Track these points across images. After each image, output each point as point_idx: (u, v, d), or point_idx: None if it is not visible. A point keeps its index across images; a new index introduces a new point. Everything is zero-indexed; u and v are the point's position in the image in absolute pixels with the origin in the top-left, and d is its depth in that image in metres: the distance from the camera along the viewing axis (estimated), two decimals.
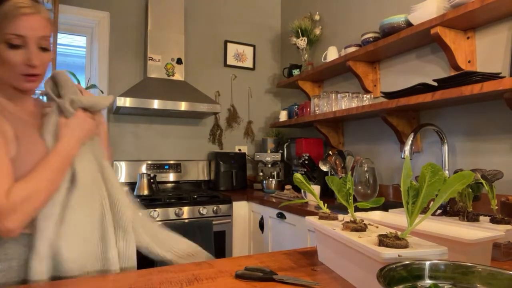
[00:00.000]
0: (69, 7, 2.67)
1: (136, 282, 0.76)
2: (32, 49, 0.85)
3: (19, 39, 0.83)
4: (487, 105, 1.62)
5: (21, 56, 0.84)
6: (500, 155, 1.58)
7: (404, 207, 0.68)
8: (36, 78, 0.88)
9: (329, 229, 0.81)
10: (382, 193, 2.11)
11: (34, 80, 0.88)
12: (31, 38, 0.84)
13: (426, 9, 1.69)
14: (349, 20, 2.54)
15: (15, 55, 0.84)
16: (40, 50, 0.87)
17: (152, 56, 2.71)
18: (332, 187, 0.88)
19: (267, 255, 0.98)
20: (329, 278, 0.78)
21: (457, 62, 1.67)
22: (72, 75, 2.52)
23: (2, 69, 0.86)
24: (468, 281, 0.58)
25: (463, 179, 0.62)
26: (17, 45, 0.84)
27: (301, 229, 1.93)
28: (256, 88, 3.38)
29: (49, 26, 0.89)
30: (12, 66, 0.85)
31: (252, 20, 3.41)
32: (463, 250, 0.73)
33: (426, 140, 1.92)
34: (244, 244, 2.56)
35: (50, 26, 0.90)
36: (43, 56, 0.88)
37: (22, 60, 0.85)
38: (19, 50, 0.84)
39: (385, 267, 0.56)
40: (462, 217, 1.04)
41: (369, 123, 2.32)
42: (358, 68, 2.23)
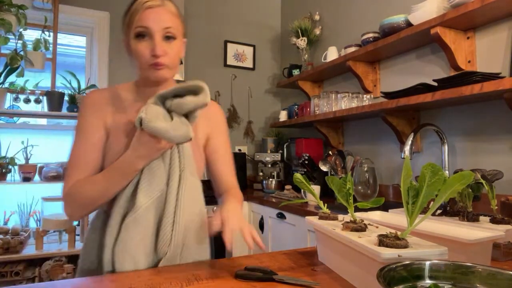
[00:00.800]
0: (69, 7, 2.67)
1: (136, 282, 0.76)
2: (156, 40, 0.89)
3: (144, 29, 0.89)
4: (487, 105, 1.62)
5: (147, 47, 0.90)
6: (500, 155, 1.58)
7: (404, 207, 0.68)
8: (162, 66, 0.91)
9: (329, 229, 0.81)
10: (382, 193, 2.11)
11: (160, 69, 0.91)
12: (155, 29, 0.89)
13: (426, 9, 1.68)
14: (349, 20, 2.54)
15: (142, 46, 0.90)
16: (165, 40, 0.91)
17: None
18: (332, 187, 0.88)
19: (267, 255, 0.98)
20: (329, 278, 0.78)
21: (457, 62, 1.67)
22: (72, 75, 2.52)
23: (136, 61, 0.93)
24: (468, 281, 0.58)
25: (463, 179, 0.62)
26: (143, 35, 0.90)
27: (301, 229, 1.93)
28: (256, 88, 3.38)
29: (174, 19, 0.93)
30: (141, 57, 0.91)
31: (252, 20, 3.41)
32: (463, 250, 0.73)
33: (426, 140, 1.92)
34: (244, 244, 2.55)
35: (175, 18, 0.93)
36: (168, 46, 0.91)
37: (147, 50, 0.90)
38: (146, 41, 0.90)
39: (385, 267, 0.56)
40: (462, 217, 1.04)
41: (369, 123, 2.32)
42: (358, 68, 2.23)
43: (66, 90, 2.48)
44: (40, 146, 2.46)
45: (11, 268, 2.12)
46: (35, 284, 0.80)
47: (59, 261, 2.21)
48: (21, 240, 2.18)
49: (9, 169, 2.26)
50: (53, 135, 2.70)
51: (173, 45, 0.92)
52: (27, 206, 2.44)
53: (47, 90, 2.41)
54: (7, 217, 2.40)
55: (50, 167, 2.31)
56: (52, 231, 2.30)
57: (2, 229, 2.23)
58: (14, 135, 2.47)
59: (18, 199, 2.43)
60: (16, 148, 2.34)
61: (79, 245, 2.34)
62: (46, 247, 2.26)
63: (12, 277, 2.10)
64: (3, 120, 2.51)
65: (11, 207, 2.44)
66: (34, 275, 2.18)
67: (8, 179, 2.27)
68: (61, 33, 2.67)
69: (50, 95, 2.36)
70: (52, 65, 2.52)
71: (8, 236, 2.18)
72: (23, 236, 2.24)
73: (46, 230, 2.26)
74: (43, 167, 2.31)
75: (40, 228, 2.26)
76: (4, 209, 2.42)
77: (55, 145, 2.64)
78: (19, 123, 2.57)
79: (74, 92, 2.47)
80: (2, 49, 2.39)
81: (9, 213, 2.42)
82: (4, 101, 2.29)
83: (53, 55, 2.52)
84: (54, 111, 2.36)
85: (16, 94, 2.35)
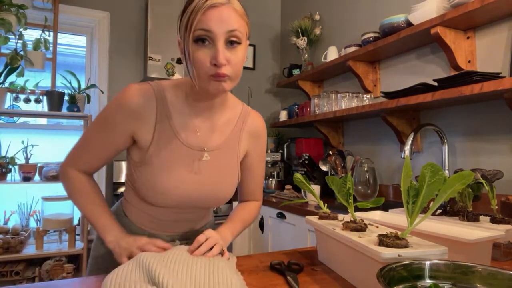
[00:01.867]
0: (69, 7, 2.67)
1: None
2: (219, 46, 0.74)
3: (206, 33, 0.74)
4: (487, 105, 1.62)
5: (208, 55, 0.75)
6: (500, 155, 1.58)
7: (404, 207, 0.68)
8: (224, 78, 0.77)
9: (329, 229, 0.81)
10: (382, 193, 2.11)
11: (220, 80, 0.76)
12: (218, 31, 0.74)
13: (426, 9, 1.68)
14: (349, 20, 2.54)
15: (203, 54, 0.75)
16: (229, 45, 0.77)
17: (152, 56, 2.71)
18: (332, 187, 0.88)
19: (267, 255, 0.98)
20: (329, 278, 0.78)
21: (457, 62, 1.67)
22: (72, 75, 2.52)
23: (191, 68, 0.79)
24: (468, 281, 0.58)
25: (463, 179, 0.62)
26: (204, 40, 0.75)
27: (301, 229, 1.93)
28: (256, 88, 3.38)
29: (240, 19, 0.78)
30: (200, 66, 0.76)
31: (252, 20, 3.39)
32: (463, 250, 0.73)
33: (426, 140, 1.92)
34: (244, 244, 2.56)
35: (241, 19, 0.78)
36: (232, 53, 0.77)
37: (209, 58, 0.75)
38: (206, 48, 0.75)
39: (385, 267, 0.56)
40: (462, 217, 1.04)
41: (369, 123, 2.32)
42: (358, 68, 2.23)
43: (66, 90, 2.49)
44: (40, 146, 2.46)
45: (11, 267, 2.12)
46: (35, 284, 0.79)
47: (59, 261, 2.21)
48: (21, 240, 2.18)
49: (9, 169, 2.26)
50: (53, 135, 2.70)
51: (238, 52, 0.78)
52: (27, 206, 2.44)
53: (47, 90, 2.41)
54: (7, 217, 2.40)
55: (50, 166, 2.32)
56: (52, 231, 2.30)
57: (2, 229, 2.23)
58: (14, 135, 2.47)
59: (18, 199, 2.43)
60: (16, 148, 2.34)
61: (79, 245, 2.34)
62: (46, 247, 2.26)
63: (12, 277, 2.10)
64: (3, 120, 2.51)
65: (11, 207, 2.44)
66: (34, 274, 2.18)
67: (8, 179, 2.27)
68: (61, 33, 2.67)
69: (50, 95, 2.36)
70: (52, 65, 2.52)
71: (8, 236, 2.18)
72: (23, 236, 2.24)
73: (46, 230, 2.26)
74: (43, 167, 2.31)
75: (40, 228, 2.26)
76: (4, 209, 2.42)
77: (55, 145, 2.64)
78: (19, 123, 2.57)
79: (74, 92, 2.47)
80: (2, 49, 2.39)
81: (9, 213, 2.42)
82: (4, 101, 2.29)
83: (53, 55, 2.52)
84: (54, 111, 2.36)
85: (16, 94, 2.35)
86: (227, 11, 0.75)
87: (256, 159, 1.02)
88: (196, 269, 0.71)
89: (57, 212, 2.29)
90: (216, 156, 0.91)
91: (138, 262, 0.71)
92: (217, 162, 0.92)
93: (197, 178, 0.89)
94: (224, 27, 0.74)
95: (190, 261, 0.73)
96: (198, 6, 0.74)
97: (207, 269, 0.71)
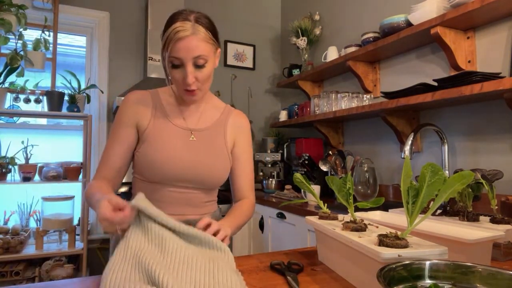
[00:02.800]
0: (69, 7, 2.67)
1: None
2: (188, 69, 0.95)
3: (177, 60, 0.95)
4: (487, 105, 1.62)
5: (181, 75, 0.97)
6: (500, 155, 1.58)
7: (404, 207, 0.68)
8: (194, 92, 1.00)
9: (329, 229, 0.81)
10: (382, 193, 2.11)
11: (193, 95, 1.00)
12: (186, 58, 0.94)
13: (426, 9, 1.68)
14: (349, 20, 2.54)
15: (177, 74, 0.97)
16: (196, 67, 0.97)
17: (152, 56, 2.71)
18: (332, 187, 0.88)
19: (267, 255, 0.98)
20: (329, 278, 0.78)
21: (457, 62, 1.67)
22: (72, 75, 2.52)
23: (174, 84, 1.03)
24: (468, 281, 0.58)
25: (463, 179, 0.62)
26: (177, 65, 0.96)
27: (301, 229, 1.93)
28: (256, 88, 3.38)
29: (204, 45, 0.96)
30: (175, 83, 1.00)
31: (252, 20, 3.41)
32: (463, 250, 0.73)
33: (426, 140, 1.92)
34: (244, 244, 2.56)
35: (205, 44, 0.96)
36: (199, 72, 0.97)
37: (181, 78, 0.97)
38: (179, 69, 0.97)
39: (385, 267, 0.56)
40: (462, 217, 1.04)
41: (369, 123, 2.32)
42: (358, 68, 2.23)
43: (66, 90, 2.48)
44: (40, 146, 2.46)
45: (11, 268, 2.12)
46: (35, 284, 0.80)
47: (59, 261, 2.21)
48: (21, 240, 2.18)
49: (9, 169, 2.26)
50: (53, 135, 2.70)
51: (204, 70, 0.98)
52: (27, 206, 2.44)
53: (47, 90, 2.41)
54: (7, 217, 2.40)
55: (50, 167, 2.32)
56: (52, 231, 2.30)
57: (2, 229, 2.23)
58: (14, 135, 2.47)
59: (18, 199, 2.43)
60: (16, 148, 2.34)
61: (79, 245, 2.34)
62: (46, 247, 2.26)
63: (12, 277, 2.10)
64: (3, 120, 2.51)
65: (11, 207, 2.44)
66: (34, 275, 2.18)
67: (8, 179, 2.27)
68: (61, 33, 2.67)
69: (50, 95, 2.36)
70: (52, 65, 2.52)
71: (8, 236, 2.18)
72: (23, 236, 2.24)
73: (46, 230, 2.26)
74: (43, 167, 2.31)
75: (40, 228, 2.26)
76: (4, 209, 2.42)
77: (55, 145, 2.64)
78: (19, 123, 2.57)
79: (74, 92, 2.47)
80: (2, 49, 2.39)
81: (9, 213, 2.42)
82: (4, 101, 2.29)
83: (53, 55, 2.52)
84: (54, 111, 2.36)
85: (16, 94, 2.35)
86: (192, 41, 0.94)
87: (244, 150, 1.16)
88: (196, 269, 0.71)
89: (57, 212, 2.29)
90: (204, 137, 1.08)
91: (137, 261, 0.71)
92: (206, 142, 1.07)
93: (188, 154, 1.03)
94: (190, 54, 0.94)
95: (190, 261, 0.73)
96: (170, 38, 0.95)
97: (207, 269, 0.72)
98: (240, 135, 1.16)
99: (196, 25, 0.96)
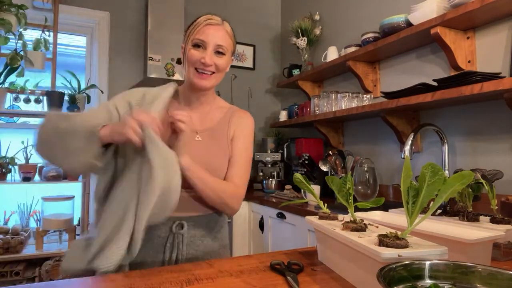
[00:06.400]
0: (69, 7, 2.67)
1: (136, 282, 0.76)
2: (208, 51, 1.04)
3: (201, 42, 1.04)
4: (487, 105, 1.62)
5: (200, 54, 1.04)
6: (500, 155, 1.58)
7: (404, 207, 0.68)
8: (207, 76, 1.05)
9: (329, 229, 0.81)
10: (382, 193, 2.11)
11: (205, 78, 1.05)
12: (209, 42, 1.04)
13: (426, 9, 1.68)
14: (349, 20, 2.54)
15: (196, 52, 1.04)
16: (216, 54, 1.05)
17: (152, 56, 2.71)
18: (332, 187, 0.88)
19: (267, 255, 0.98)
20: (329, 278, 0.78)
21: (457, 62, 1.67)
22: (72, 75, 2.52)
23: (185, 66, 1.08)
24: (468, 281, 0.58)
25: (463, 179, 0.62)
26: (198, 45, 1.04)
27: (301, 229, 1.93)
28: (256, 88, 3.38)
29: (227, 38, 1.07)
30: (191, 61, 1.05)
31: (252, 20, 3.41)
32: (463, 250, 0.73)
33: (426, 140, 1.92)
34: (244, 244, 2.56)
35: (228, 38, 1.08)
36: (217, 59, 1.05)
37: (199, 57, 1.03)
38: (199, 50, 1.04)
39: (385, 267, 0.56)
40: (462, 217, 1.04)
41: (369, 123, 2.32)
42: (358, 68, 2.23)
43: (66, 90, 2.48)
44: None
45: (11, 268, 2.12)
46: (35, 284, 0.80)
47: (59, 261, 2.21)
48: (21, 240, 2.18)
49: (9, 169, 2.26)
50: None
51: (222, 59, 1.06)
52: (27, 206, 2.44)
53: (47, 90, 2.41)
54: (7, 217, 2.40)
55: (50, 167, 2.31)
56: (52, 231, 2.30)
57: (2, 229, 2.23)
58: (14, 135, 2.47)
59: (18, 199, 2.43)
60: (16, 148, 2.34)
61: None
62: (46, 247, 2.26)
63: (12, 277, 2.10)
64: (3, 120, 2.51)
65: (11, 207, 2.44)
66: (34, 275, 2.18)
67: (8, 179, 2.27)
68: (61, 33, 2.67)
69: (50, 95, 2.36)
70: (52, 65, 2.52)
71: (8, 236, 2.17)
72: (23, 236, 2.24)
73: (46, 230, 2.26)
74: (43, 167, 2.31)
75: (40, 228, 2.26)
76: (4, 209, 2.42)
77: None
78: (19, 123, 2.57)
79: (74, 92, 2.47)
80: (2, 49, 2.39)
81: (9, 213, 2.42)
82: (4, 101, 2.29)
83: (53, 55, 2.52)
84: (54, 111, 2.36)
85: (16, 94, 2.35)
86: (219, 30, 1.06)
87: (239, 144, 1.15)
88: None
89: (57, 212, 2.29)
90: (209, 136, 1.11)
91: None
92: (211, 142, 1.11)
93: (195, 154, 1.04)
94: (214, 40, 1.04)
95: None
96: (200, 22, 1.05)
97: None
98: (239, 129, 1.17)
99: (225, 22, 1.09)
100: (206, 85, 1.06)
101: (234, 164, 1.13)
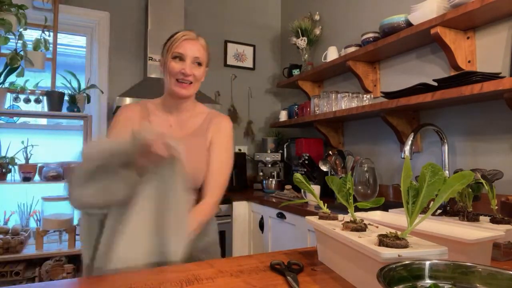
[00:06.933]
0: (69, 7, 2.67)
1: (136, 282, 0.76)
2: (187, 63, 1.16)
3: (180, 54, 1.16)
4: (487, 105, 1.62)
5: (179, 65, 1.15)
6: (500, 155, 1.58)
7: (404, 207, 0.68)
8: (187, 85, 1.17)
9: (329, 229, 0.81)
10: (382, 193, 2.11)
11: (185, 87, 1.17)
12: (187, 55, 1.16)
13: (426, 9, 1.68)
14: (349, 20, 2.54)
15: (176, 64, 1.16)
16: (193, 65, 1.17)
17: (152, 56, 2.71)
18: (332, 187, 0.88)
19: (267, 255, 0.98)
20: (329, 278, 0.78)
21: (457, 62, 1.67)
22: (72, 75, 2.52)
23: (166, 77, 1.19)
24: (468, 281, 0.58)
25: (463, 179, 0.62)
26: (178, 57, 1.16)
27: (301, 229, 1.93)
28: (256, 88, 3.38)
29: (203, 51, 1.20)
30: (172, 72, 1.16)
31: (252, 20, 3.41)
32: (463, 250, 0.73)
33: (426, 140, 1.92)
34: (244, 244, 2.56)
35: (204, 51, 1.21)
36: (195, 70, 1.17)
37: (179, 69, 1.15)
38: (179, 62, 1.16)
39: (385, 267, 0.56)
40: (462, 217, 1.04)
41: (369, 123, 2.32)
42: (358, 68, 2.23)
43: (66, 90, 2.48)
44: (40, 146, 2.46)
45: (11, 268, 2.12)
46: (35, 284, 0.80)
47: (59, 261, 2.21)
48: (21, 240, 2.18)
49: (9, 169, 2.26)
50: (53, 135, 2.70)
51: (199, 70, 1.19)
52: (27, 206, 2.44)
53: (47, 90, 2.41)
54: (7, 217, 2.40)
55: (50, 167, 2.31)
56: (52, 231, 2.30)
57: (2, 229, 2.23)
58: (14, 135, 2.47)
59: (18, 199, 2.43)
60: (16, 148, 2.34)
61: (79, 245, 2.34)
62: (46, 247, 2.26)
63: (12, 277, 2.09)
64: (3, 120, 2.51)
65: (11, 207, 2.44)
66: (34, 275, 2.18)
67: (8, 179, 2.27)
68: (61, 33, 2.67)
69: (50, 95, 2.36)
70: (52, 65, 2.52)
71: (8, 236, 2.17)
72: (23, 236, 2.24)
73: (46, 230, 2.26)
74: (43, 167, 2.31)
75: (40, 228, 2.26)
76: (4, 209, 2.42)
77: (55, 145, 2.64)
78: (19, 123, 2.57)
79: (74, 92, 2.47)
80: (2, 49, 2.39)
81: (9, 213, 2.42)
82: (4, 101, 2.29)
83: (53, 55, 2.52)
84: (54, 111, 2.36)
85: (16, 94, 2.35)
86: (195, 44, 1.19)
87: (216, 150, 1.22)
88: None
89: (57, 212, 2.29)
90: (188, 142, 1.15)
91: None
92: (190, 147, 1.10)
93: None
94: (191, 53, 1.17)
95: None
96: (178, 38, 1.17)
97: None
98: (216, 135, 1.24)
99: (200, 37, 1.22)
100: (186, 94, 1.18)
101: (211, 181, 1.18)
